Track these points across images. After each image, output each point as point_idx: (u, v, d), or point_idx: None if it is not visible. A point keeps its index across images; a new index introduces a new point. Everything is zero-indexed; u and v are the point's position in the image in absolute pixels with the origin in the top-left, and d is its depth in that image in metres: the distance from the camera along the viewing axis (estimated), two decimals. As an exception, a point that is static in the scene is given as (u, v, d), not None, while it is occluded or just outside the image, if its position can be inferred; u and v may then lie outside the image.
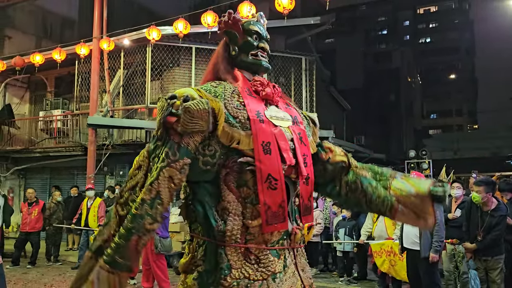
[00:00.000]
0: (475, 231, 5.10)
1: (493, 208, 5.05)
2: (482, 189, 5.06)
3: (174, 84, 11.63)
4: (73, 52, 11.13)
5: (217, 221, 1.71)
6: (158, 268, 6.32)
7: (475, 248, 5.05)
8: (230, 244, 1.69)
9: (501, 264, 4.99)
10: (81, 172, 12.30)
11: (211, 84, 1.89)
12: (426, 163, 13.05)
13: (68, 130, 12.73)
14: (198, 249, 1.77)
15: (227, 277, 1.67)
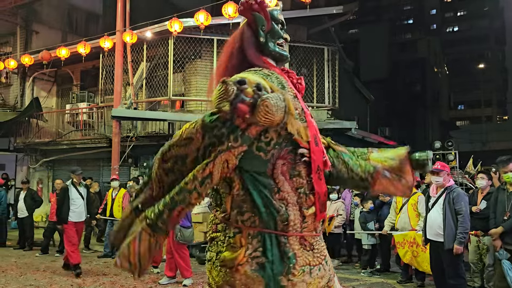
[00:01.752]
0: (503, 217, 4.95)
1: None
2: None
3: (196, 76, 11.70)
4: (97, 45, 11.32)
5: (279, 211, 1.72)
6: (180, 257, 6.41)
7: (501, 231, 4.89)
8: (292, 233, 1.73)
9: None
10: (106, 163, 12.56)
11: (262, 71, 1.83)
12: (452, 155, 12.74)
13: (94, 122, 12.99)
14: (251, 241, 1.72)
15: (296, 265, 1.71)
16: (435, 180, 5.21)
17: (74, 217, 7.21)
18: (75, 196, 7.31)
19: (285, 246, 1.71)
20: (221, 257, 1.74)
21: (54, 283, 6.62)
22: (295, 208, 1.75)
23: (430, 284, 6.34)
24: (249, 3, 1.91)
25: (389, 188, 2.07)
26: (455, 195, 5.01)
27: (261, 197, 1.71)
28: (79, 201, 7.34)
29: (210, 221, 1.90)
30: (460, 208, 4.92)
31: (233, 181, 1.75)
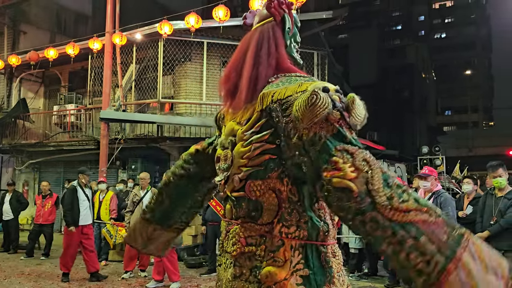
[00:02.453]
0: (489, 221, 5.01)
1: (508, 192, 5.00)
2: (503, 172, 5.01)
3: (185, 79, 11.67)
4: (86, 46, 11.24)
5: (321, 221, 1.57)
6: (169, 261, 6.37)
7: (487, 235, 4.95)
8: (330, 242, 1.61)
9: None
10: (94, 165, 12.43)
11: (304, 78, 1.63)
12: (439, 160, 12.88)
13: (81, 124, 12.87)
14: (294, 253, 1.57)
15: (334, 273, 1.58)
16: (423, 185, 5.27)
17: (80, 220, 6.95)
18: (82, 198, 7.06)
19: (326, 256, 1.59)
20: (264, 272, 1.53)
21: (39, 287, 6.53)
22: (329, 216, 1.62)
23: None
24: (280, 1, 1.74)
25: None
26: (443, 200, 5.07)
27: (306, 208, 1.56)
28: (85, 203, 7.10)
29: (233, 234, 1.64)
30: (447, 213, 4.98)
31: (282, 192, 1.53)
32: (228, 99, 1.67)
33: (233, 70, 1.67)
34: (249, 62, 1.62)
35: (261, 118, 1.51)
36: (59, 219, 12.26)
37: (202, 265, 8.34)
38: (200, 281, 7.11)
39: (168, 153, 11.63)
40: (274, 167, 1.49)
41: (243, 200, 1.57)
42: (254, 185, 1.53)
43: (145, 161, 11.64)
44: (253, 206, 1.55)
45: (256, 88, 1.57)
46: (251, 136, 1.53)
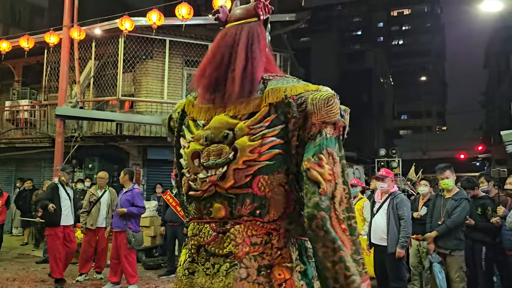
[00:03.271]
0: (438, 222, 5.22)
1: (455, 193, 5.23)
2: (450, 174, 5.23)
3: (146, 77, 11.46)
4: (42, 40, 10.77)
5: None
6: (129, 263, 6.22)
7: (435, 235, 5.15)
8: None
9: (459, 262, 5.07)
10: (48, 164, 11.98)
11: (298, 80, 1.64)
12: (396, 162, 13.31)
13: (36, 121, 12.36)
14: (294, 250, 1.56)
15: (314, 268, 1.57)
16: (380, 186, 5.42)
17: (62, 221, 6.57)
18: (63, 197, 6.69)
19: (309, 251, 1.58)
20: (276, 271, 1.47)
21: (-14, 291, 6.21)
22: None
23: (373, 286, 6.55)
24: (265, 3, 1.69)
25: None
26: (399, 201, 5.23)
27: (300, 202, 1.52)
28: (67, 202, 6.73)
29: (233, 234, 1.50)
30: (403, 213, 5.15)
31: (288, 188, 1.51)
32: (210, 93, 1.59)
33: (214, 64, 1.60)
34: (242, 55, 1.56)
35: (271, 113, 1.49)
36: (10, 219, 11.71)
37: (160, 267, 8.20)
38: (158, 282, 6.99)
39: (127, 152, 11.37)
40: (283, 163, 1.47)
41: (248, 197, 1.48)
42: (264, 181, 1.47)
43: (102, 160, 11.31)
44: (259, 203, 1.48)
45: (254, 81, 1.53)
46: (260, 130, 1.48)
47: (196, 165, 1.56)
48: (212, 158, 1.52)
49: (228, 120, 1.53)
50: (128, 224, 6.25)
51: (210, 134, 1.55)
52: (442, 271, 5.01)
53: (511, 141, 11.93)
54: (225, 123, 1.53)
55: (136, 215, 6.35)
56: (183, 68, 11.83)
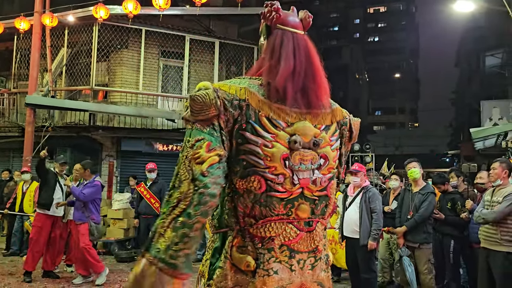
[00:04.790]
0: (407, 216, 5.37)
1: (422, 188, 5.38)
2: (417, 164, 5.39)
3: (121, 67, 11.25)
4: (12, 26, 10.42)
5: None
6: (90, 254, 6.06)
7: (404, 230, 5.30)
8: None
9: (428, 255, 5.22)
10: (17, 154, 11.64)
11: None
12: (369, 157, 13.55)
13: (4, 109, 12.00)
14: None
15: None
16: (353, 180, 5.51)
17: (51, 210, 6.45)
18: (57, 187, 6.58)
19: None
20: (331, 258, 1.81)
21: (-50, 284, 6.01)
22: None
23: (345, 278, 6.67)
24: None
25: None
26: (371, 195, 5.33)
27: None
28: (59, 193, 6.58)
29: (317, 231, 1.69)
30: (375, 207, 5.26)
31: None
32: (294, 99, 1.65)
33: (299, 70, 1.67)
34: (321, 71, 1.75)
35: (336, 128, 1.77)
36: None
37: (133, 259, 8.11)
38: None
39: (101, 143, 11.16)
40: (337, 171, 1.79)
41: (324, 199, 1.70)
42: (332, 185, 1.74)
43: (75, 151, 11.06)
44: (326, 203, 1.72)
45: (329, 98, 1.78)
46: (335, 143, 1.75)
47: (284, 167, 1.59)
48: (304, 163, 1.63)
49: (313, 129, 1.67)
50: (90, 215, 6.08)
51: (299, 139, 1.62)
52: (412, 264, 5.15)
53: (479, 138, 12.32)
54: (312, 131, 1.66)
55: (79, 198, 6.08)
56: (159, 58, 11.67)
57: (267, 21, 1.80)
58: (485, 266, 4.44)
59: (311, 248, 1.66)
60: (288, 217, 1.61)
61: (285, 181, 1.59)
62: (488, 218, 4.34)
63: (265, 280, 1.56)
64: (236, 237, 1.59)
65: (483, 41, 19.84)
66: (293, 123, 1.63)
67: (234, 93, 1.60)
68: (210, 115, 1.51)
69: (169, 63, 11.76)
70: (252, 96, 1.61)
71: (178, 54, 11.53)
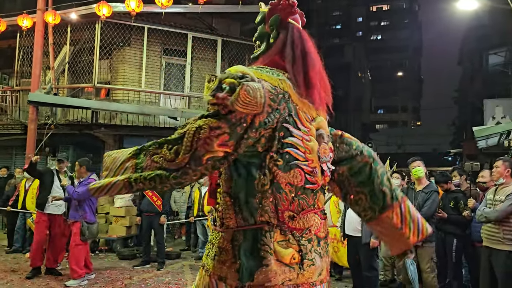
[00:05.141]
0: None
1: (425, 186, 5.34)
2: (421, 163, 5.36)
3: (124, 64, 11.26)
4: (14, 23, 10.43)
5: None
6: (75, 255, 5.99)
7: None
8: None
9: (430, 253, 5.20)
10: (20, 151, 11.67)
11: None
12: (371, 156, 13.51)
13: (7, 106, 12.00)
14: None
15: None
16: (355, 179, 5.51)
17: (49, 209, 6.47)
18: (56, 185, 6.57)
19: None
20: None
21: (-47, 281, 6.03)
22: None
23: (347, 276, 6.67)
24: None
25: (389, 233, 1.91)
26: (373, 193, 5.33)
27: None
28: (59, 191, 6.56)
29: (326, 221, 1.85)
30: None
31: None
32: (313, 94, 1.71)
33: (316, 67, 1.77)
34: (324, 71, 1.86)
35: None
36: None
37: (135, 257, 8.13)
38: (133, 273, 6.93)
39: (103, 141, 11.18)
40: None
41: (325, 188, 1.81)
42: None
43: (77, 148, 11.08)
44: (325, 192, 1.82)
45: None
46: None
47: (318, 160, 1.66)
48: (325, 156, 1.71)
49: (326, 123, 1.79)
50: (84, 214, 6.01)
51: (322, 133, 1.72)
52: (414, 262, 5.14)
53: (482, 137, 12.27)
54: (326, 126, 1.78)
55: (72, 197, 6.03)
56: (162, 56, 11.67)
57: (281, 13, 1.79)
58: (487, 265, 4.43)
59: (325, 234, 1.74)
60: (314, 207, 1.67)
61: (318, 173, 1.65)
62: (490, 217, 4.33)
63: (312, 269, 1.62)
64: (275, 232, 1.57)
65: (486, 40, 19.74)
66: (315, 118, 1.69)
67: (277, 85, 1.57)
68: (252, 112, 1.45)
69: (171, 61, 11.76)
70: (290, 89, 1.61)
71: (180, 52, 11.53)
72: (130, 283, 6.23)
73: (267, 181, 1.55)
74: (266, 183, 1.55)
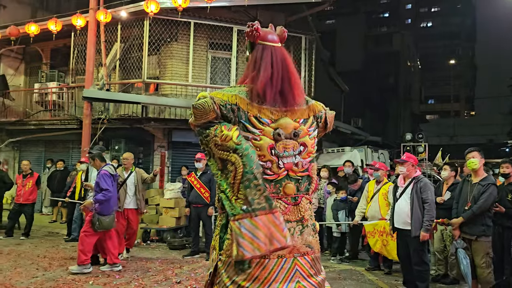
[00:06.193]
0: (464, 207, 5.12)
1: (482, 178, 5.10)
2: (477, 154, 5.11)
3: (171, 60, 11.51)
4: (69, 23, 10.93)
5: None
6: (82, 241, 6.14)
7: (461, 221, 5.07)
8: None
9: (486, 248, 4.98)
10: (76, 145, 12.27)
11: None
12: (422, 147, 13.08)
13: (64, 103, 12.61)
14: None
15: None
16: (400, 170, 5.38)
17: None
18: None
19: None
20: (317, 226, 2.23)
21: (18, 267, 6.46)
22: None
23: (396, 270, 6.52)
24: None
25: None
26: (422, 185, 5.16)
27: None
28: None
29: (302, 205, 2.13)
30: (427, 197, 5.08)
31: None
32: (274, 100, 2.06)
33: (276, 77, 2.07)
34: (295, 74, 2.14)
35: (313, 121, 2.18)
36: (40, 198, 12.10)
37: (185, 247, 8.36)
38: (182, 262, 7.12)
39: (153, 135, 11.52)
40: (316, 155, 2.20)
41: (306, 178, 2.13)
42: (313, 167, 2.17)
43: (129, 142, 11.50)
44: (309, 182, 2.15)
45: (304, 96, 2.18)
46: (312, 133, 2.16)
47: (270, 155, 2.01)
48: (287, 150, 2.05)
49: (292, 123, 2.08)
50: (95, 206, 6.13)
51: (282, 131, 2.04)
52: (467, 257, 4.93)
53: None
54: (292, 125, 2.07)
55: (103, 201, 6.14)
56: (208, 50, 11.82)
57: (250, 39, 2.17)
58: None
59: (298, 218, 2.07)
60: (277, 194, 2.02)
61: (273, 166, 2.01)
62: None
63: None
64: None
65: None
66: (276, 120, 2.04)
67: (227, 99, 2.00)
68: (210, 118, 1.94)
69: (217, 54, 11.89)
70: (241, 100, 2.02)
71: (226, 45, 11.62)
72: (180, 272, 6.41)
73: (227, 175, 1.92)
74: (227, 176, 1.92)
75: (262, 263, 1.93)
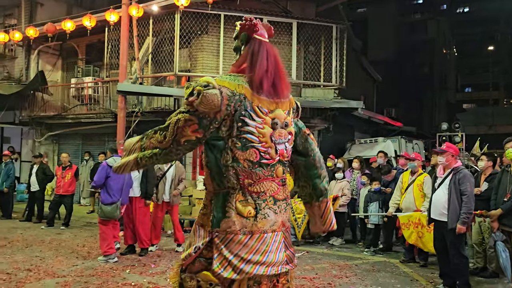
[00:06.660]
0: (503, 198, 4.95)
1: None
2: None
3: (202, 52, 11.58)
4: (103, 19, 11.18)
5: None
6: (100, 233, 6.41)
7: (500, 213, 4.90)
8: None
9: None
10: (111, 138, 12.56)
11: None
12: (459, 137, 12.69)
13: (99, 97, 12.94)
14: None
15: None
16: (439, 160, 5.23)
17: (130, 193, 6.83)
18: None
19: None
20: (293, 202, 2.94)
21: (59, 255, 6.72)
22: None
23: (432, 263, 6.39)
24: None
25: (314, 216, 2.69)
26: (461, 176, 5.00)
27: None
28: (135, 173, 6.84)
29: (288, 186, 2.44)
30: (465, 189, 4.92)
31: None
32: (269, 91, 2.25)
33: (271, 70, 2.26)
34: (283, 69, 2.36)
35: (292, 112, 2.42)
36: (79, 190, 12.50)
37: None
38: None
39: (185, 127, 11.64)
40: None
41: (287, 162, 2.42)
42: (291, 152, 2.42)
43: (162, 134, 11.67)
44: (287, 165, 2.45)
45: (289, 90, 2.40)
46: (294, 123, 2.45)
47: (271, 142, 2.24)
48: (281, 138, 2.30)
49: (283, 114, 2.32)
50: (100, 195, 6.48)
51: (277, 121, 2.27)
52: (506, 250, 4.78)
53: None
54: (283, 116, 2.31)
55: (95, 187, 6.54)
56: (238, 42, 11.81)
57: (247, 32, 2.35)
58: None
59: (285, 196, 2.37)
60: (272, 177, 2.28)
61: (272, 152, 2.25)
62: None
63: (264, 221, 2.23)
64: (237, 194, 2.21)
65: None
66: (273, 110, 2.26)
67: (234, 89, 2.17)
68: (212, 111, 2.10)
69: (247, 46, 11.85)
70: (247, 90, 2.19)
71: (256, 37, 11.57)
72: (213, 262, 6.49)
73: (229, 157, 2.17)
74: (229, 159, 2.18)
75: (262, 237, 2.21)
